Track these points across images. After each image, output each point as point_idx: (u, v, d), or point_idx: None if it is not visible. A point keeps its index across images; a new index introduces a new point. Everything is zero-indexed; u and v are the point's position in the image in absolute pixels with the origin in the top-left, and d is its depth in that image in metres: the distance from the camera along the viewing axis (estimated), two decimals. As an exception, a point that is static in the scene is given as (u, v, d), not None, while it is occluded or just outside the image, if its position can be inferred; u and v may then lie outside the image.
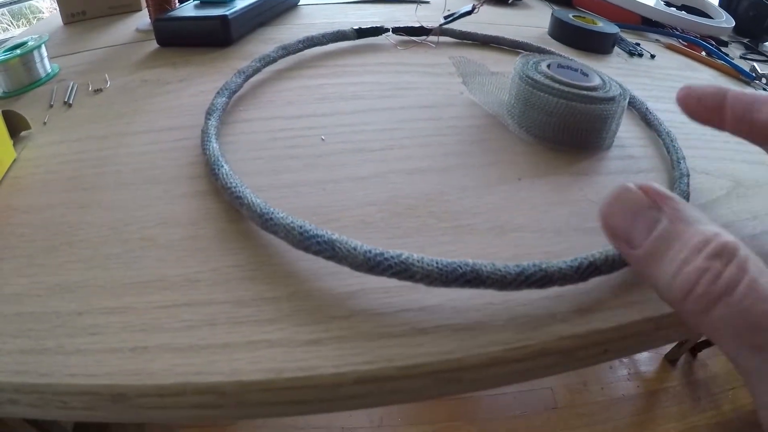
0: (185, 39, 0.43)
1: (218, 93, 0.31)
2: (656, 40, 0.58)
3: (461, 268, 0.17)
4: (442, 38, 0.47)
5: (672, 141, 0.32)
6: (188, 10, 0.45)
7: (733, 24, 0.61)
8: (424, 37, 0.45)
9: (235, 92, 0.32)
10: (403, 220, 0.23)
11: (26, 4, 1.07)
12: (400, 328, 0.18)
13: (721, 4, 0.72)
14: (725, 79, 0.50)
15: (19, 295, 0.19)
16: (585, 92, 0.29)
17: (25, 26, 1.10)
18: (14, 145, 0.30)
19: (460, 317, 0.18)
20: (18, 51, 0.38)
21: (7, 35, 0.97)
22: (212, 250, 0.21)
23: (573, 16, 0.52)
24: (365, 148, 0.28)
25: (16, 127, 0.31)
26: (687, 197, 0.27)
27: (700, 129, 0.33)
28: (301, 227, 0.19)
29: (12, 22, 1.10)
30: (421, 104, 0.34)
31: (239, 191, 0.22)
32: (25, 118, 0.32)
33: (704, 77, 0.49)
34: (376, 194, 0.25)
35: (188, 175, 0.26)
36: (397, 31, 0.45)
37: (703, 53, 0.54)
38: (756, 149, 0.21)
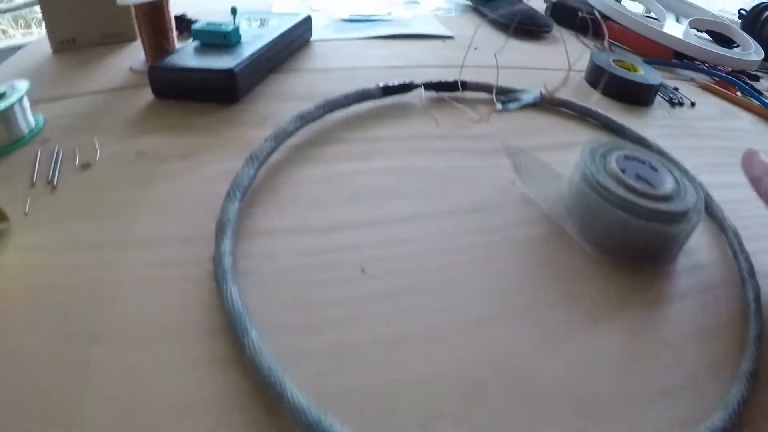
0: (185, 92, 0.37)
1: (229, 195, 0.26)
2: (691, 79, 0.54)
3: None
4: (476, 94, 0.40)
5: (738, 242, 0.29)
6: (188, 55, 0.38)
7: (763, 55, 0.57)
8: (458, 93, 0.39)
9: (247, 189, 0.27)
10: (473, 409, 0.19)
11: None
12: None
13: (743, 27, 0.68)
14: (763, 125, 0.47)
15: None
16: (655, 205, 0.25)
17: (24, 28, 1.02)
18: None
19: None
20: None
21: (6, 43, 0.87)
22: None
23: (614, 61, 0.47)
24: (417, 285, 0.23)
25: None
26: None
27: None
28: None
29: (12, 25, 1.02)
30: (470, 205, 0.29)
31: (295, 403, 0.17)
32: (2, 210, 0.26)
33: (744, 126, 0.46)
34: (438, 365, 0.20)
35: (207, 326, 0.21)
36: (428, 87, 0.39)
37: (739, 93, 0.51)
38: None
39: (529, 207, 0.29)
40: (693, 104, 0.47)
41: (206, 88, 0.36)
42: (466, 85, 0.40)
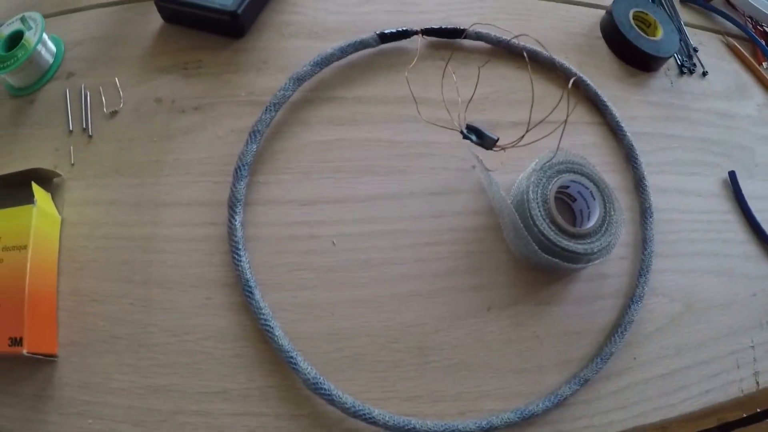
0: (192, 23, 0.37)
1: (236, 173, 0.31)
2: (724, 33, 0.47)
3: (404, 422, 0.27)
4: (473, 43, 0.38)
5: (648, 261, 0.34)
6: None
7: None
8: (458, 40, 0.37)
9: (252, 164, 0.32)
10: (387, 354, 0.30)
11: None
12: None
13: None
14: None
15: (125, 391, 0.28)
16: (566, 243, 0.30)
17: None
18: (53, 199, 0.33)
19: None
20: (21, 54, 0.34)
21: None
22: (254, 368, 0.29)
23: (634, 14, 0.41)
24: (369, 260, 0.31)
25: (46, 176, 0.33)
26: (627, 327, 0.31)
27: (689, 233, 0.36)
28: (315, 379, 0.27)
29: None
30: (431, 188, 0.33)
31: (285, 351, 0.27)
32: (52, 170, 0.33)
33: (748, 112, 0.44)
34: (371, 323, 0.30)
35: (223, 281, 0.30)
36: (428, 33, 0.37)
37: (765, 65, 0.46)
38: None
39: (480, 196, 0.34)
40: (705, 74, 0.43)
41: (211, 23, 0.36)
42: (464, 32, 0.38)
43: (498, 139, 0.27)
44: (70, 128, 0.35)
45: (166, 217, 0.32)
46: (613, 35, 0.41)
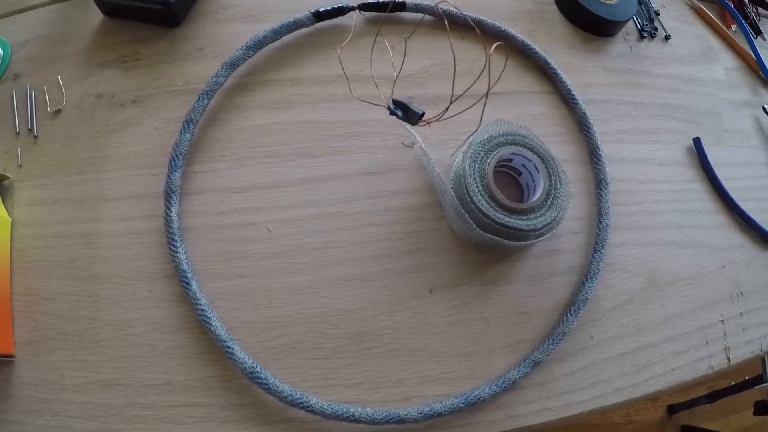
0: (130, 15, 0.35)
1: (171, 163, 0.30)
2: None
3: (344, 410, 0.26)
4: (412, 16, 0.35)
5: (604, 234, 0.31)
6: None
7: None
8: (395, 13, 0.34)
9: (186, 154, 0.30)
10: (326, 341, 0.28)
11: None
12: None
13: None
14: (741, 74, 0.41)
15: (78, 387, 0.28)
16: (506, 220, 0.27)
17: None
18: (3, 200, 0.32)
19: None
20: None
21: None
22: (196, 359, 0.28)
23: None
24: (305, 246, 0.30)
25: None
26: (581, 305, 0.29)
27: (650, 204, 0.33)
28: (251, 368, 0.26)
29: None
30: (368, 168, 0.31)
31: (219, 336, 0.27)
32: (2, 173, 0.32)
33: (715, 76, 0.40)
34: (309, 309, 0.29)
35: (163, 272, 0.29)
36: (365, 8, 0.35)
37: (733, 27, 0.41)
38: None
39: (419, 173, 0.32)
40: (667, 37, 0.39)
41: (147, 14, 0.34)
42: (405, 6, 0.35)
43: (423, 114, 0.25)
44: (17, 130, 0.34)
45: (107, 213, 0.31)
46: (569, 2, 0.37)
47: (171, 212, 0.29)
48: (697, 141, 0.36)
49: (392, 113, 0.25)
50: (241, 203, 0.30)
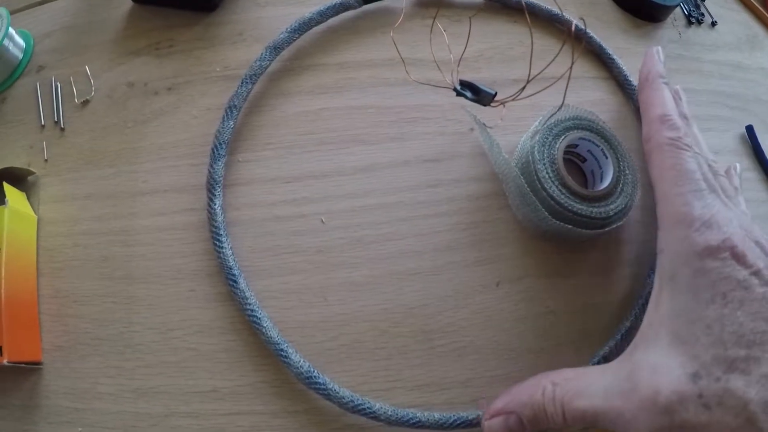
0: (162, 1, 0.32)
1: (213, 152, 0.26)
2: None
3: (409, 415, 0.23)
4: None
5: None
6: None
7: None
8: None
9: (229, 142, 0.27)
10: (388, 340, 0.25)
11: None
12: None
13: None
14: None
15: (113, 396, 0.24)
16: (582, 207, 0.25)
17: None
18: (28, 198, 0.29)
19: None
20: None
21: None
22: (245, 363, 0.24)
23: None
24: (363, 238, 0.26)
25: (21, 175, 0.29)
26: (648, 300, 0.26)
27: None
28: (308, 373, 0.23)
29: None
30: (427, 155, 0.28)
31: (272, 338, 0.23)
32: (26, 168, 0.29)
33: (761, 63, 0.37)
34: (369, 306, 0.25)
35: (207, 270, 0.26)
36: None
37: None
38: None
39: (480, 160, 0.29)
40: (714, 23, 0.37)
41: None
42: None
43: (496, 94, 0.22)
44: (42, 123, 0.31)
45: (143, 207, 0.27)
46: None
47: (215, 205, 0.26)
48: (749, 129, 0.34)
49: (460, 94, 0.22)
50: (291, 194, 0.27)
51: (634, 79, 0.32)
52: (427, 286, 0.26)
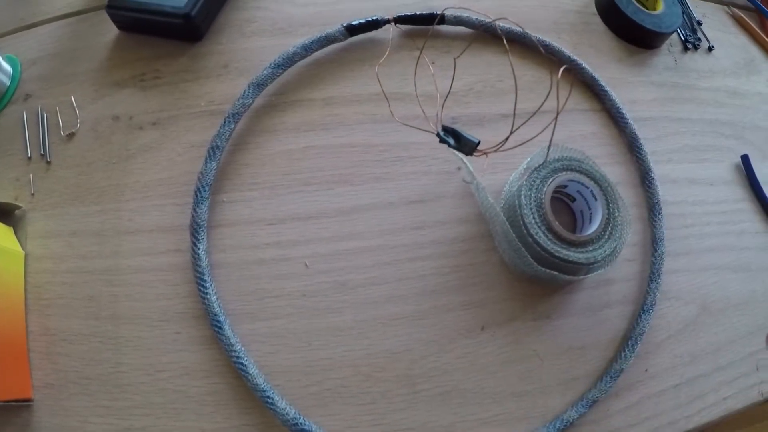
0: (147, 30, 0.31)
1: (197, 195, 0.25)
2: (729, 4, 0.38)
3: None
4: (450, 29, 0.30)
5: (659, 263, 0.27)
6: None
7: None
8: (432, 27, 0.29)
9: (212, 184, 0.26)
10: (372, 384, 0.24)
11: None
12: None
13: None
14: None
15: None
16: (565, 253, 0.23)
17: None
18: (15, 233, 0.27)
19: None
20: None
21: None
22: (231, 407, 0.23)
23: None
24: (347, 282, 0.25)
25: (8, 209, 0.28)
26: (638, 340, 0.26)
27: (701, 227, 0.30)
28: (294, 420, 0.22)
29: None
30: (412, 195, 0.27)
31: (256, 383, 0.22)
32: (13, 203, 0.27)
33: (758, 88, 0.35)
34: (353, 351, 0.24)
35: (192, 313, 0.25)
36: (401, 21, 0.30)
37: None
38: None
39: (466, 200, 0.27)
40: (710, 48, 0.35)
41: (166, 28, 0.30)
42: (442, 18, 0.30)
43: (478, 143, 0.21)
44: (29, 155, 0.29)
45: (128, 247, 0.26)
46: (610, 11, 0.33)
47: (199, 249, 0.25)
48: (745, 158, 0.32)
49: (443, 141, 0.21)
50: (275, 236, 0.26)
51: (627, 111, 0.30)
52: (411, 330, 0.25)
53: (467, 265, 0.26)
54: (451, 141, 0.21)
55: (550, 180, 0.25)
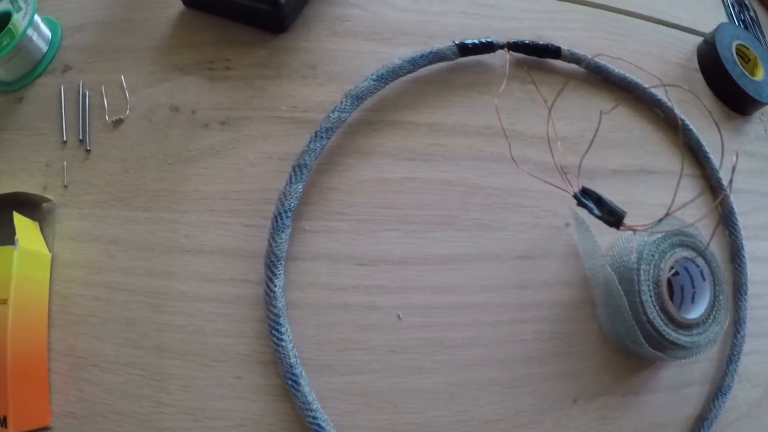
0: (220, 11, 0.26)
1: (277, 220, 0.21)
2: None
3: None
4: (561, 65, 0.27)
5: (741, 341, 0.26)
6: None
7: None
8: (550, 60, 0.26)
9: (295, 209, 0.22)
10: None
11: None
12: None
13: None
14: None
15: None
16: (678, 336, 0.22)
17: None
18: (42, 230, 0.23)
19: None
20: (7, 40, 0.23)
21: None
22: None
23: (737, 47, 0.31)
24: (443, 340, 0.22)
25: (33, 200, 0.23)
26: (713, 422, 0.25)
27: None
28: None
29: None
30: (517, 250, 0.24)
31: None
32: (40, 195, 0.23)
33: None
34: (443, 418, 0.21)
35: (258, 357, 0.21)
36: (515, 48, 0.26)
37: None
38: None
39: (573, 262, 0.25)
40: None
41: (245, 12, 0.25)
42: (560, 53, 0.27)
43: (625, 215, 0.18)
44: (64, 138, 0.24)
45: (183, 267, 0.22)
46: (714, 70, 0.31)
47: (275, 285, 0.21)
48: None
49: (582, 204, 0.18)
50: (364, 279, 0.22)
51: (724, 178, 0.29)
52: (504, 399, 0.22)
53: (566, 333, 0.23)
54: (593, 207, 0.18)
55: (668, 255, 0.23)
